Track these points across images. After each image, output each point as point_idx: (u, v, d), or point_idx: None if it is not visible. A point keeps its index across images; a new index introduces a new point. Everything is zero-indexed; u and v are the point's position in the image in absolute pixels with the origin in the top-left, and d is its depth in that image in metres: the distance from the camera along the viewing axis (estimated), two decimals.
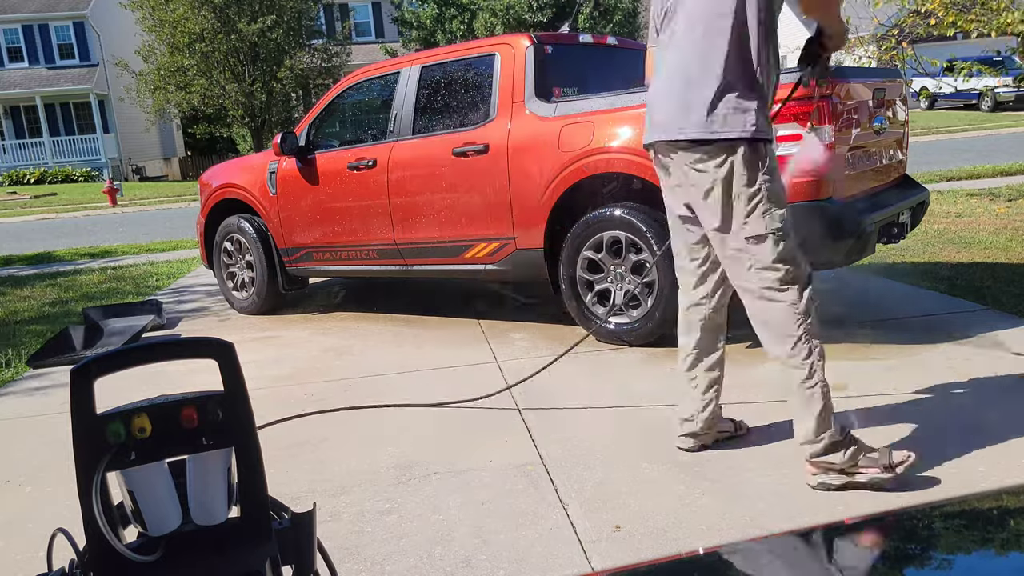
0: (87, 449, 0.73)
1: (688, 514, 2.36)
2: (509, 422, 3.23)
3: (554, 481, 2.65)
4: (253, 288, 5.66)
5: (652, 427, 3.04)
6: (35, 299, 6.89)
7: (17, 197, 23.92)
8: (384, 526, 2.45)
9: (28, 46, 30.02)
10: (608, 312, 4.08)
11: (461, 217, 4.54)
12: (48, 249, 10.99)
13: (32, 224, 16.89)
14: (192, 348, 0.78)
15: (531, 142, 4.24)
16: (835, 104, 3.56)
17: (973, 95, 23.60)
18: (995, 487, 1.54)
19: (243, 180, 5.65)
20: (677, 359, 2.79)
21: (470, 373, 3.94)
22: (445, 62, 4.79)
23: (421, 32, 23.09)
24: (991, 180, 9.75)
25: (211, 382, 0.79)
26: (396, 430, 3.26)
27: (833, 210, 3.57)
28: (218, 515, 0.79)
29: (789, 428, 2.49)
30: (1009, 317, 4.04)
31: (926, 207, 4.66)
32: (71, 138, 29.89)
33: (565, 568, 2.12)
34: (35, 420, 3.80)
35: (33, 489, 2.98)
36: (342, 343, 4.77)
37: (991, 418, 2.86)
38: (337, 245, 5.19)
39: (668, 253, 2.81)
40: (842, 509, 2.31)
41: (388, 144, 4.86)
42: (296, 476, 2.86)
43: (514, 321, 4.93)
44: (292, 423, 3.41)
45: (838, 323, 4.29)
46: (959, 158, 12.23)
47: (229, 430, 0.78)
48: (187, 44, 23.46)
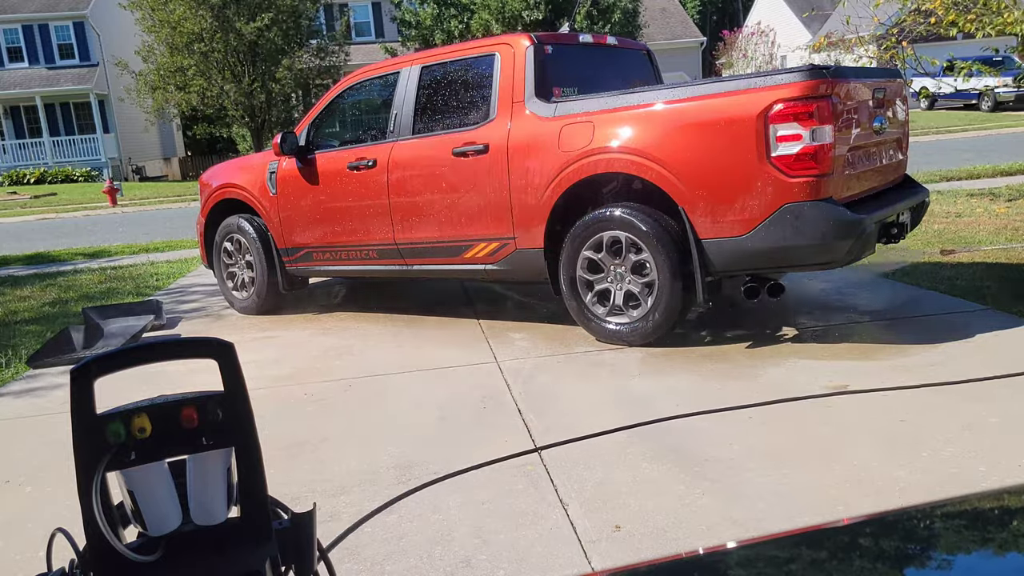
0: (87, 449, 0.73)
1: (688, 514, 2.36)
2: (509, 422, 3.23)
3: (554, 481, 2.65)
4: (253, 288, 5.66)
5: (652, 427, 3.04)
6: (35, 299, 6.88)
7: (17, 197, 23.91)
8: (384, 526, 2.45)
9: (28, 46, 30.01)
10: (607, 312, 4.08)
11: (461, 217, 4.54)
12: (48, 249, 10.99)
13: (32, 224, 16.89)
14: (192, 348, 0.78)
15: (531, 142, 4.24)
16: (835, 104, 3.57)
17: (973, 95, 23.59)
18: (995, 487, 1.54)
19: (243, 180, 5.65)
20: None
21: (470, 373, 3.94)
22: (445, 62, 4.79)
23: (421, 32, 23.09)
24: (991, 180, 9.74)
25: (211, 382, 0.79)
26: (396, 430, 3.26)
27: (833, 210, 3.57)
28: (218, 515, 0.79)
29: (789, 428, 2.49)
30: (1009, 317, 4.04)
31: (926, 207, 4.66)
32: (71, 138, 29.88)
33: (565, 568, 2.12)
34: (35, 420, 3.80)
35: (33, 489, 2.98)
36: (342, 343, 4.77)
37: (991, 418, 2.86)
38: (337, 245, 5.19)
39: (668, 253, 2.81)
40: (842, 509, 2.31)
41: (388, 144, 4.86)
42: (296, 476, 2.86)
43: (514, 321, 4.93)
44: (293, 423, 3.41)
45: (838, 323, 4.29)
46: (959, 158, 12.23)
47: (229, 430, 0.78)
48: (186, 44, 23.44)
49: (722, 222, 3.73)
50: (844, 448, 2.72)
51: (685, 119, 3.81)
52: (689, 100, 3.82)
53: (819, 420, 2.98)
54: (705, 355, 3.84)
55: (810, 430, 2.90)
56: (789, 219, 3.59)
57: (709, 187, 3.73)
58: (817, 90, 3.51)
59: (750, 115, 3.58)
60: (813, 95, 3.51)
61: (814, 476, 2.53)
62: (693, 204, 3.77)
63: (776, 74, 3.67)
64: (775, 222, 3.61)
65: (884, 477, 2.48)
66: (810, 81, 3.52)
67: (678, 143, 3.79)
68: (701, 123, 3.75)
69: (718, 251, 3.77)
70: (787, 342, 3.97)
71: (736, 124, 3.63)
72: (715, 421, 3.05)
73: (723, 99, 3.70)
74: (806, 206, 3.56)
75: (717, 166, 3.70)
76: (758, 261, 3.76)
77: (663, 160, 3.81)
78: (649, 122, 3.91)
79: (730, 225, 3.71)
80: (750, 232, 3.67)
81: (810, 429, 2.91)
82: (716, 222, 3.74)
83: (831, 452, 2.69)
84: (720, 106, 3.70)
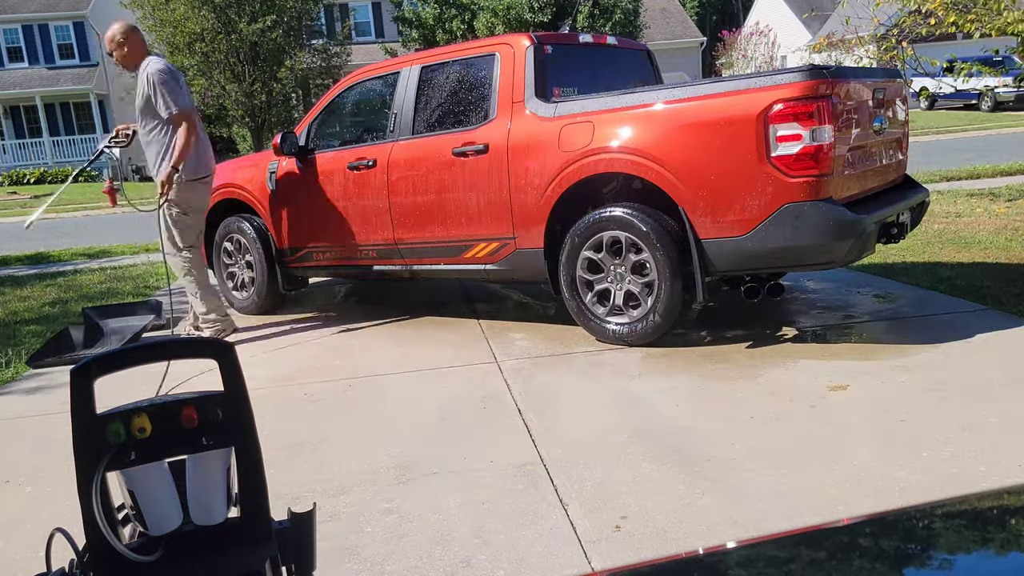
0: (87, 449, 0.73)
1: (688, 514, 2.36)
2: (509, 422, 3.23)
3: (554, 481, 2.65)
4: (253, 288, 5.66)
5: (652, 427, 3.04)
6: (35, 299, 6.88)
7: (17, 197, 23.90)
8: (384, 526, 2.45)
9: (28, 46, 30.01)
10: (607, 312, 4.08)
11: (461, 217, 4.54)
12: (48, 249, 10.98)
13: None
14: (192, 348, 0.78)
15: (531, 142, 4.24)
16: (835, 104, 3.56)
17: (973, 95, 23.56)
18: (995, 487, 1.54)
19: (243, 180, 5.65)
20: None
21: (470, 373, 3.94)
22: (445, 62, 4.79)
23: (421, 32, 23.07)
24: (991, 180, 9.74)
25: (211, 382, 0.79)
26: (396, 430, 3.26)
27: (833, 210, 3.57)
28: (218, 515, 0.79)
29: (789, 428, 2.49)
30: (1009, 317, 4.04)
31: (926, 207, 4.66)
32: (71, 138, 29.87)
33: (565, 568, 2.12)
34: (35, 420, 3.80)
35: (33, 489, 2.98)
36: (342, 343, 4.77)
37: (991, 418, 2.86)
38: (337, 245, 5.19)
39: (668, 253, 2.81)
40: (842, 509, 2.31)
41: (388, 144, 4.86)
42: (296, 476, 2.86)
43: (514, 321, 4.93)
44: (293, 423, 3.41)
45: (838, 323, 4.29)
46: (959, 158, 12.23)
47: (229, 430, 0.78)
48: (187, 44, 23.42)
49: (722, 222, 3.73)
50: (844, 448, 2.72)
51: (685, 119, 3.81)
52: (689, 100, 3.82)
53: (819, 420, 2.98)
54: (705, 355, 3.84)
55: (810, 430, 2.90)
56: (789, 219, 3.58)
57: (709, 187, 3.73)
58: (817, 90, 3.51)
59: (750, 115, 3.58)
60: (813, 95, 3.51)
61: (814, 476, 2.53)
62: (693, 204, 3.77)
63: (776, 74, 3.67)
64: (775, 222, 3.61)
65: (884, 477, 2.48)
66: (810, 81, 3.52)
67: (678, 143, 3.79)
68: (701, 123, 3.75)
69: (718, 251, 3.77)
70: (787, 342, 3.97)
71: (736, 124, 3.63)
72: (715, 421, 3.05)
73: (723, 99, 3.70)
74: (806, 206, 3.56)
75: (717, 166, 3.70)
76: (758, 261, 3.76)
77: (663, 160, 3.81)
78: (649, 122, 3.91)
79: (730, 225, 3.71)
80: (750, 232, 3.67)
81: (810, 429, 2.91)
82: (716, 222, 3.74)
83: (831, 452, 2.69)
84: (720, 106, 3.70)
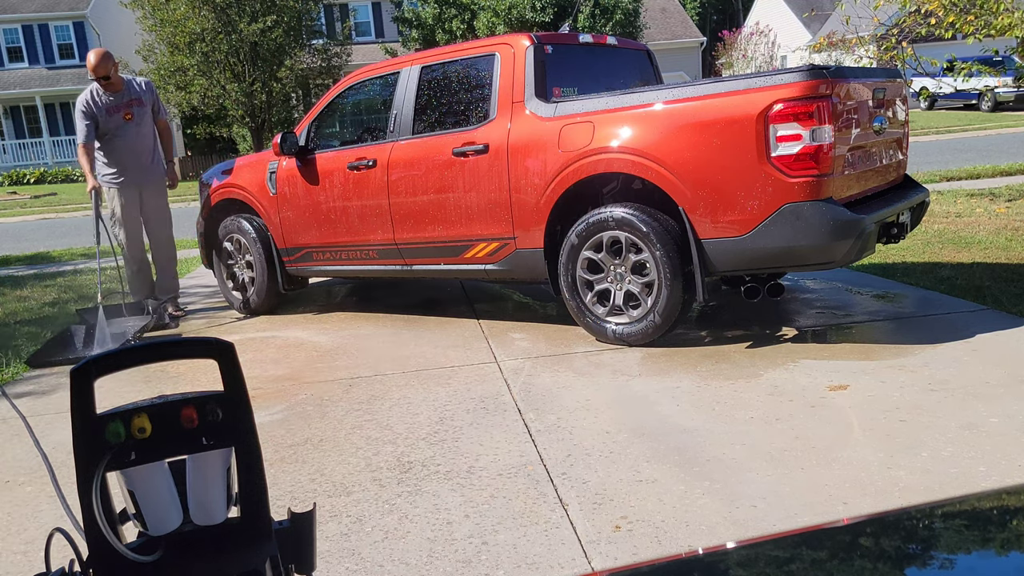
0: (87, 449, 0.73)
1: (688, 514, 2.36)
2: (509, 422, 3.23)
3: (554, 481, 2.65)
4: (253, 288, 5.66)
5: (652, 427, 3.04)
6: (35, 299, 6.88)
7: (17, 197, 23.91)
8: (384, 526, 2.45)
9: (28, 46, 30.02)
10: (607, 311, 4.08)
11: (461, 217, 4.54)
12: (48, 249, 10.98)
13: (32, 224, 16.88)
14: (192, 348, 0.78)
15: (531, 142, 4.24)
16: (835, 104, 3.57)
17: (973, 95, 23.57)
18: (995, 487, 1.54)
19: (243, 180, 5.66)
20: None
21: (470, 373, 3.94)
22: (445, 62, 4.79)
23: (421, 32, 23.08)
24: (991, 180, 9.75)
25: (211, 382, 0.79)
26: (396, 430, 3.26)
27: (833, 210, 3.57)
28: (217, 515, 0.79)
29: (789, 428, 2.49)
30: (1009, 317, 4.04)
31: (926, 207, 4.66)
32: (71, 138, 29.84)
33: (565, 568, 2.12)
34: (35, 420, 3.79)
35: (33, 489, 2.98)
36: (342, 343, 4.77)
37: (991, 418, 2.86)
38: (337, 245, 5.19)
39: (668, 253, 2.81)
40: (842, 509, 2.31)
41: (388, 144, 4.86)
42: (296, 476, 2.86)
43: (514, 321, 4.93)
44: (293, 423, 3.41)
45: (838, 323, 4.29)
46: (959, 158, 12.23)
47: (229, 430, 0.78)
48: (187, 44, 23.44)
49: (722, 222, 3.73)
50: (844, 448, 2.72)
51: (685, 119, 3.81)
52: (689, 100, 3.82)
53: (819, 420, 2.98)
54: (705, 355, 3.84)
55: (810, 430, 2.90)
56: (789, 219, 3.59)
57: (709, 187, 3.73)
58: (817, 90, 3.51)
59: (750, 115, 3.59)
60: (813, 95, 3.51)
61: (814, 476, 2.53)
62: (693, 204, 3.77)
63: (776, 74, 3.67)
64: (775, 222, 3.61)
65: (884, 477, 2.48)
66: (810, 81, 3.52)
67: (678, 143, 3.79)
68: (701, 123, 3.75)
69: (718, 251, 3.77)
70: (787, 342, 3.97)
71: (736, 124, 3.63)
72: (715, 421, 3.05)
73: (723, 99, 3.70)
74: (806, 206, 3.56)
75: (717, 166, 3.70)
76: (758, 261, 3.76)
77: (663, 160, 3.81)
78: (649, 122, 3.91)
79: (730, 225, 3.71)
80: (750, 232, 3.67)
81: (810, 429, 2.91)
82: (716, 222, 3.74)
83: (831, 452, 2.70)
84: (720, 106, 3.70)
